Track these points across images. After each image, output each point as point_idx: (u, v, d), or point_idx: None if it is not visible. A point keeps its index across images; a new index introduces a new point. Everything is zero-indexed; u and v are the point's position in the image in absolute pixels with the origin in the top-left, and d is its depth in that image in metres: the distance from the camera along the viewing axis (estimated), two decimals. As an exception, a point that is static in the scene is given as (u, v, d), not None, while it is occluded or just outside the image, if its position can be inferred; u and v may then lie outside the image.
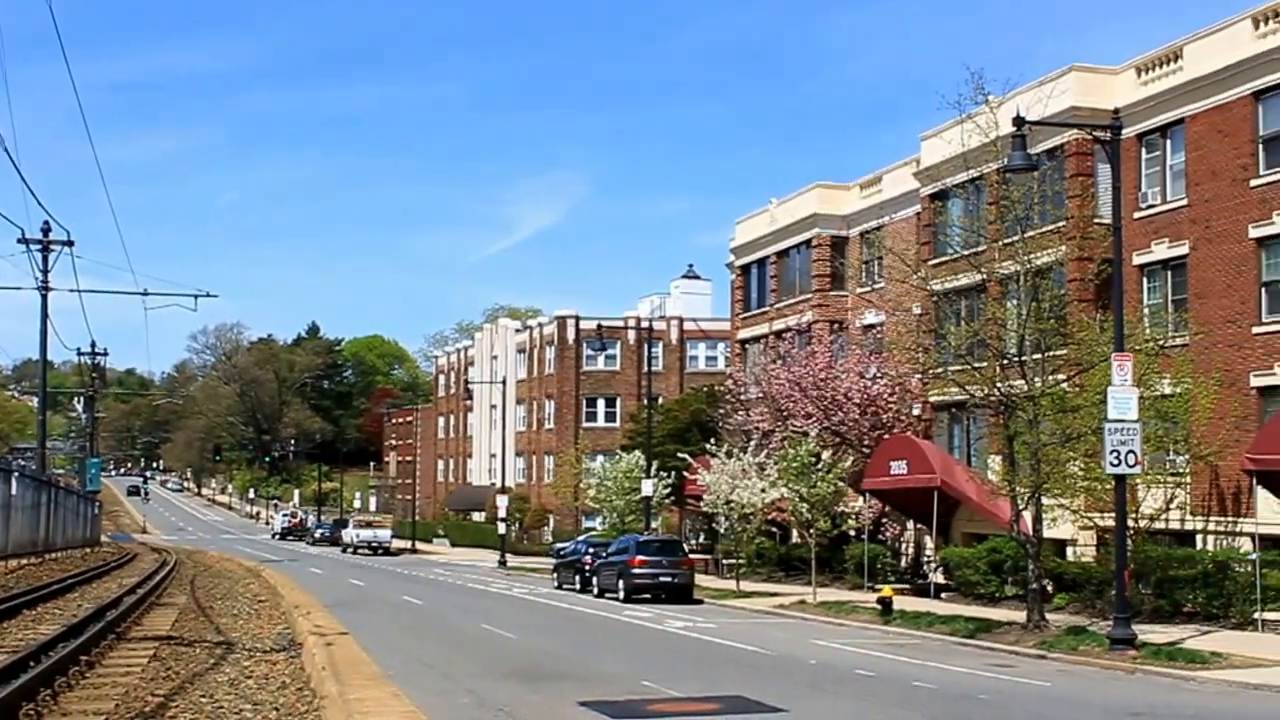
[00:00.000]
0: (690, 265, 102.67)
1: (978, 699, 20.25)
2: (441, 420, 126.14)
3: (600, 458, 77.36)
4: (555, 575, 54.50)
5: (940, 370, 38.00)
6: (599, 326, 79.94)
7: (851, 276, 55.82)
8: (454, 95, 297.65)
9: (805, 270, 57.97)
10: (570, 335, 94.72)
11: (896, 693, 20.82)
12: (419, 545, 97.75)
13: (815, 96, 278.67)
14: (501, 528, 78.78)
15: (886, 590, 36.39)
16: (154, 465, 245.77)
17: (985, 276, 33.99)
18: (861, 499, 48.22)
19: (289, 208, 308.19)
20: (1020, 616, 31.53)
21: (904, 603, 36.86)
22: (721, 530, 53.34)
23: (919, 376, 44.72)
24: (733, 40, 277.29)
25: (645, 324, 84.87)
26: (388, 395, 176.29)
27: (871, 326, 52.66)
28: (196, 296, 56.18)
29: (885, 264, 50.65)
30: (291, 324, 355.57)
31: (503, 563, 72.97)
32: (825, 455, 47.23)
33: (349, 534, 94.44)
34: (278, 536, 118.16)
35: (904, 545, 49.87)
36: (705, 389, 69.60)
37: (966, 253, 36.02)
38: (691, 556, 49.96)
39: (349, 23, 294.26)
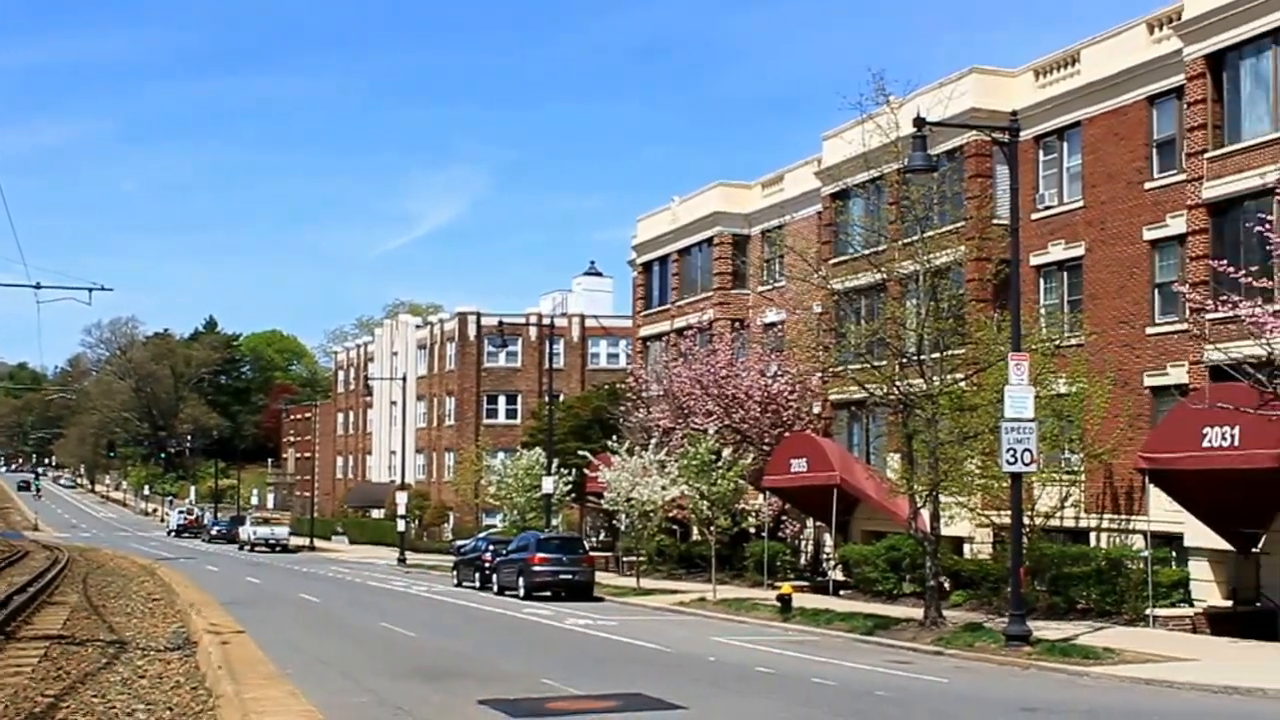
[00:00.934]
0: (592, 262, 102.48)
1: (877, 695, 20.40)
2: (341, 416, 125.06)
3: (501, 455, 76.99)
4: (455, 573, 54.25)
5: (840, 369, 38.33)
6: (500, 323, 79.65)
7: (753, 275, 56.04)
8: (353, 88, 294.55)
9: (707, 268, 58.12)
10: (471, 332, 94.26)
11: (797, 690, 20.93)
12: (317, 543, 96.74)
13: (719, 95, 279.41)
14: (401, 525, 78.24)
15: (786, 588, 36.51)
16: (46, 461, 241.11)
17: (885, 276, 34.29)
18: (762, 497, 48.43)
19: (186, 201, 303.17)
20: (918, 613, 31.83)
21: (803, 600, 37.06)
22: (622, 527, 53.37)
23: (819, 375, 45.02)
24: (637, 37, 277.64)
25: (547, 321, 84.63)
26: (286, 391, 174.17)
27: (772, 325, 52.89)
28: (91, 290, 54.78)
29: (786, 263, 50.87)
30: (188, 318, 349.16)
31: (402, 560, 72.52)
32: (726, 453, 47.36)
33: (246, 531, 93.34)
34: (173, 534, 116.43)
35: (804, 543, 50.16)
36: (607, 386, 69.55)
37: (867, 252, 36.33)
38: (592, 554, 49.96)
39: (243, 16, 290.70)
